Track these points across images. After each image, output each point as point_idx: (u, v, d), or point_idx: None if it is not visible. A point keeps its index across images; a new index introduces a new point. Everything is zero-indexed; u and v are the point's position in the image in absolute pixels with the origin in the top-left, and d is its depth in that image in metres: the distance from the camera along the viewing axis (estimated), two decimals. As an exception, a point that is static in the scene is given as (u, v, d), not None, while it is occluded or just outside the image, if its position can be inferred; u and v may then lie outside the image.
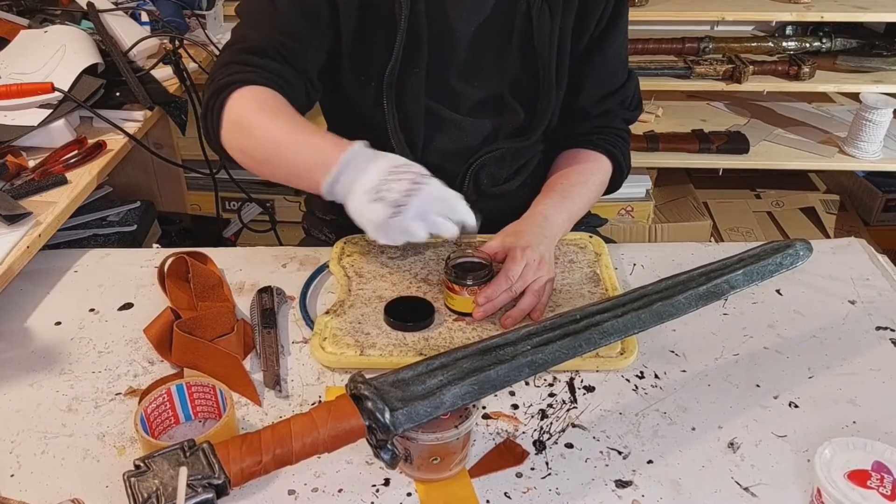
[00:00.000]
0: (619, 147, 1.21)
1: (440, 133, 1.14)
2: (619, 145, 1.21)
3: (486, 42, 1.10)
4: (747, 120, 2.54)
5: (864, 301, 1.06)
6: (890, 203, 2.58)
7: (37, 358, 0.98)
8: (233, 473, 0.69)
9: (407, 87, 1.09)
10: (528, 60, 1.11)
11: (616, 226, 2.42)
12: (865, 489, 0.70)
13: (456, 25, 1.08)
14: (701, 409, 0.89)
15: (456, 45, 1.09)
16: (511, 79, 1.12)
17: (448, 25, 1.08)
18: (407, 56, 1.07)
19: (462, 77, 1.12)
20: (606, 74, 1.18)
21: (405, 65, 1.07)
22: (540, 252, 1.01)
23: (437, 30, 1.07)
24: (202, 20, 1.81)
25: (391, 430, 0.72)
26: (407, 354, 0.94)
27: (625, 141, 1.23)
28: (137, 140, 1.38)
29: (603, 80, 1.18)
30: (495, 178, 1.20)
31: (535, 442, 0.85)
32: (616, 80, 1.20)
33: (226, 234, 2.09)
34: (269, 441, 0.71)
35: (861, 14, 2.20)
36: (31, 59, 1.40)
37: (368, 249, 1.13)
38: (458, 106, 1.14)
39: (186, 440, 0.71)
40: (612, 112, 1.22)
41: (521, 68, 1.11)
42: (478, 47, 1.10)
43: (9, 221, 1.07)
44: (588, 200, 1.17)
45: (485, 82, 1.13)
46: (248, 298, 1.06)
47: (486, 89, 1.13)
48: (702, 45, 2.38)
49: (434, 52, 1.08)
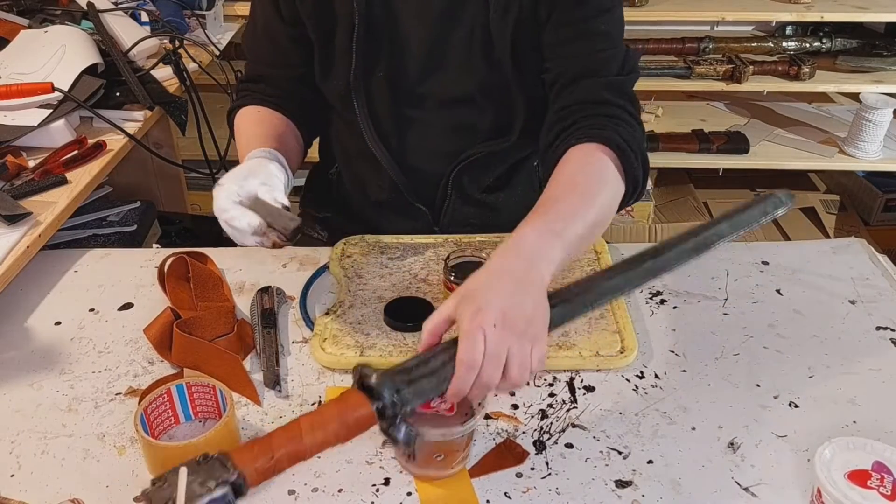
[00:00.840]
0: (611, 124, 0.96)
1: (413, 134, 1.14)
2: (607, 124, 0.96)
3: (447, 40, 1.07)
4: (747, 120, 2.54)
5: (864, 301, 1.06)
6: (890, 203, 2.58)
7: (37, 358, 0.98)
8: (248, 474, 0.69)
9: (373, 90, 1.10)
10: (490, 58, 1.07)
11: (616, 226, 2.42)
12: (865, 489, 0.70)
13: (410, 24, 1.07)
14: (701, 409, 0.89)
15: (414, 45, 1.08)
16: (479, 77, 1.09)
17: (403, 24, 1.07)
18: (367, 59, 1.08)
19: (425, 77, 1.10)
20: (581, 51, 1.00)
21: (366, 68, 1.08)
22: (498, 307, 0.73)
23: (394, 30, 1.07)
24: (202, 20, 1.81)
25: (399, 406, 0.70)
26: (407, 355, 0.93)
27: (620, 109, 0.98)
28: (137, 140, 1.38)
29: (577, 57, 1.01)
30: (480, 183, 1.19)
31: (535, 442, 0.85)
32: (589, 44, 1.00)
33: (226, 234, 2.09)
34: (280, 439, 0.71)
35: (861, 14, 2.20)
36: (31, 59, 1.40)
37: (368, 250, 1.13)
38: (426, 106, 1.12)
39: (200, 455, 0.71)
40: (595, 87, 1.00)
41: (484, 66, 1.08)
42: (438, 45, 1.08)
43: (9, 221, 1.07)
44: (591, 215, 0.88)
45: (450, 81, 1.10)
46: (248, 298, 1.06)
47: (452, 88, 1.10)
48: (702, 45, 2.38)
49: (395, 53, 1.08)
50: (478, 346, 0.71)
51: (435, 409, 0.80)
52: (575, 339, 0.96)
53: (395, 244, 1.15)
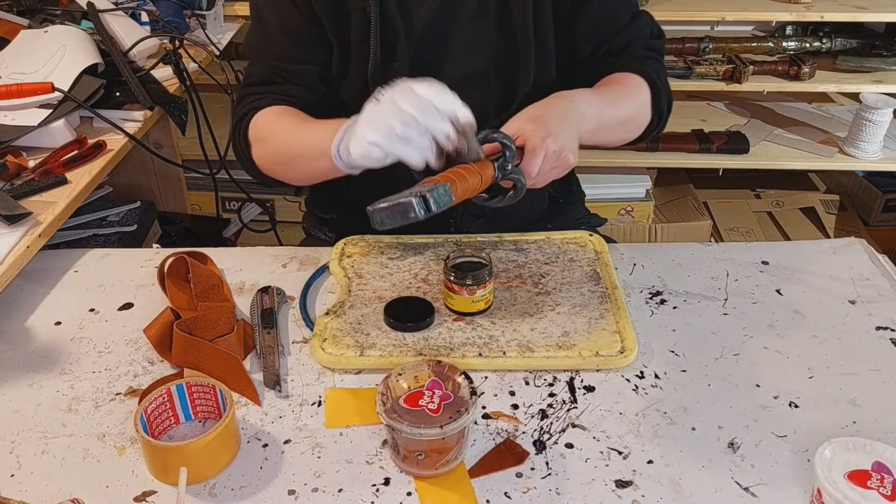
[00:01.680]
0: (650, 66, 1.12)
1: None
2: (648, 65, 1.12)
3: (460, 14, 1.09)
4: (747, 120, 2.54)
5: (864, 301, 1.06)
6: (890, 203, 2.58)
7: (37, 358, 0.98)
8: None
9: (390, 79, 1.10)
10: (506, 28, 1.10)
11: (616, 226, 2.42)
12: (865, 489, 0.70)
13: (424, 6, 1.08)
14: (701, 409, 0.89)
15: (430, 25, 1.09)
16: (491, 50, 1.12)
17: (417, 8, 1.08)
18: (385, 50, 1.08)
19: (442, 55, 1.11)
20: (603, 24, 1.13)
21: (385, 58, 1.09)
22: (561, 142, 0.92)
23: (408, 16, 1.08)
24: (202, 20, 1.81)
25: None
26: (407, 354, 0.94)
27: (654, 61, 1.14)
28: (137, 140, 1.38)
29: (600, 31, 1.13)
30: None
31: (535, 442, 0.85)
32: (617, 23, 1.14)
33: (226, 234, 2.09)
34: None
35: (861, 14, 2.19)
36: (31, 59, 1.40)
37: (369, 250, 1.13)
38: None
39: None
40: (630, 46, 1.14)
41: (499, 36, 1.10)
42: (453, 20, 1.09)
43: (9, 221, 1.07)
44: (624, 109, 1.08)
45: (465, 57, 1.12)
46: (248, 298, 1.06)
47: (467, 65, 1.12)
48: (702, 45, 2.38)
49: (410, 39, 1.09)
50: (539, 160, 0.91)
51: (423, 406, 0.80)
52: (575, 339, 0.96)
53: (395, 244, 1.15)
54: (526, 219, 1.26)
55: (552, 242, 1.15)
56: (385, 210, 0.82)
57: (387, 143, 0.85)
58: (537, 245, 1.14)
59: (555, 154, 0.91)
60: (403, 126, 0.84)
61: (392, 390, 0.81)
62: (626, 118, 1.09)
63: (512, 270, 1.09)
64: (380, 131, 0.85)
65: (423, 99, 0.85)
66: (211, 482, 0.80)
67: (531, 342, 0.96)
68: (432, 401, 0.80)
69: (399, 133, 0.84)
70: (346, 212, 1.29)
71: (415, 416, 0.78)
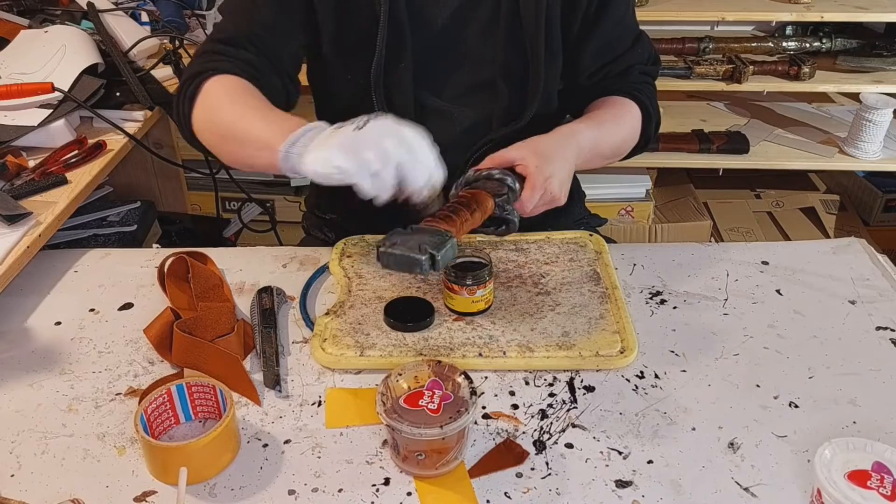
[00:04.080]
0: (644, 92, 1.17)
1: (432, 124, 1.14)
2: (643, 90, 1.17)
3: (471, 23, 1.09)
4: (747, 120, 2.54)
5: (864, 301, 1.06)
6: (890, 203, 2.58)
7: (37, 358, 0.98)
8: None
9: (394, 80, 1.10)
10: (515, 39, 1.09)
11: (616, 226, 2.42)
12: (865, 489, 0.70)
13: (437, 9, 1.08)
14: (701, 409, 0.89)
15: (439, 30, 1.09)
16: (500, 61, 1.11)
17: (429, 10, 1.08)
18: (391, 49, 1.07)
19: (449, 63, 1.11)
20: (607, 47, 1.15)
21: (390, 58, 1.08)
22: (559, 183, 0.97)
23: (418, 17, 1.07)
24: (202, 20, 1.81)
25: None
26: (407, 355, 0.94)
27: (649, 85, 1.20)
28: (137, 140, 1.38)
29: (604, 53, 1.15)
30: None
31: (535, 442, 0.85)
32: (620, 47, 1.17)
33: (226, 234, 2.09)
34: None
35: (861, 14, 2.19)
36: (31, 59, 1.40)
37: (369, 250, 1.13)
38: (448, 94, 1.13)
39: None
40: (629, 71, 1.18)
41: (509, 48, 1.10)
42: (462, 30, 1.09)
43: (9, 221, 1.07)
44: (617, 139, 1.13)
45: (473, 66, 1.12)
46: (248, 298, 1.06)
47: (474, 74, 1.12)
48: (702, 45, 2.38)
49: (418, 41, 1.08)
50: (537, 196, 0.95)
51: (423, 406, 0.80)
52: (575, 339, 0.96)
53: (395, 244, 1.15)
54: (526, 219, 1.26)
55: (552, 242, 1.15)
56: (393, 257, 0.82)
57: (354, 173, 0.81)
58: (537, 245, 1.14)
59: (550, 195, 0.97)
60: (381, 164, 0.82)
61: (392, 390, 0.81)
62: (616, 146, 1.14)
63: (512, 270, 1.09)
64: (352, 161, 0.81)
65: (411, 146, 0.83)
66: (211, 482, 0.80)
67: (531, 342, 0.96)
68: (432, 401, 0.80)
69: (372, 169, 0.82)
70: (345, 213, 1.29)
71: (415, 416, 0.78)
